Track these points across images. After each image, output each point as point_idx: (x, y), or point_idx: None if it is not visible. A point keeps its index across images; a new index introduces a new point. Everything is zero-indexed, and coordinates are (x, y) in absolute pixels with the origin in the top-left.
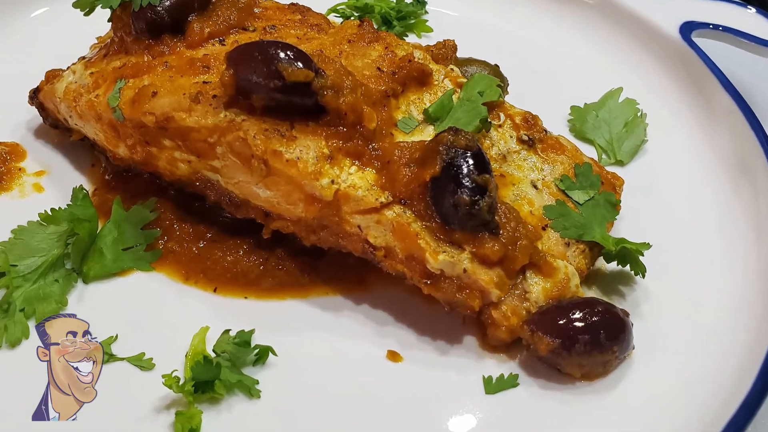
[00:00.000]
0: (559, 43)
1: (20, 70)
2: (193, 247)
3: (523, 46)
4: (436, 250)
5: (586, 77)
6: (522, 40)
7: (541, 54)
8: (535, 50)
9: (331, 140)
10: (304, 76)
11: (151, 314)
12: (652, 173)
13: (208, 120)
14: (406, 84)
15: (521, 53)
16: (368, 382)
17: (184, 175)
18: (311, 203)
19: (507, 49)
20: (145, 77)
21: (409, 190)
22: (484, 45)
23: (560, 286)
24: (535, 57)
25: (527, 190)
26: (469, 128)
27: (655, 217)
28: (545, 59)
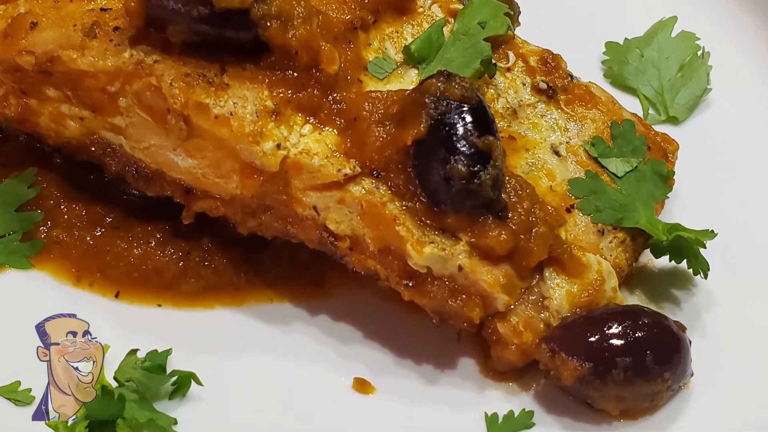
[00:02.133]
0: None
1: None
2: (87, 235)
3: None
4: (420, 239)
5: (626, 3)
6: None
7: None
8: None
9: (277, 89)
10: (240, 1)
11: (29, 328)
12: (716, 135)
13: (108, 61)
14: (379, 12)
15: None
16: (328, 420)
17: (74, 137)
18: (249, 176)
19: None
20: (20, 2)
21: (384, 157)
22: None
23: (591, 290)
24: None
25: (546, 158)
26: (467, 72)
27: (721, 196)
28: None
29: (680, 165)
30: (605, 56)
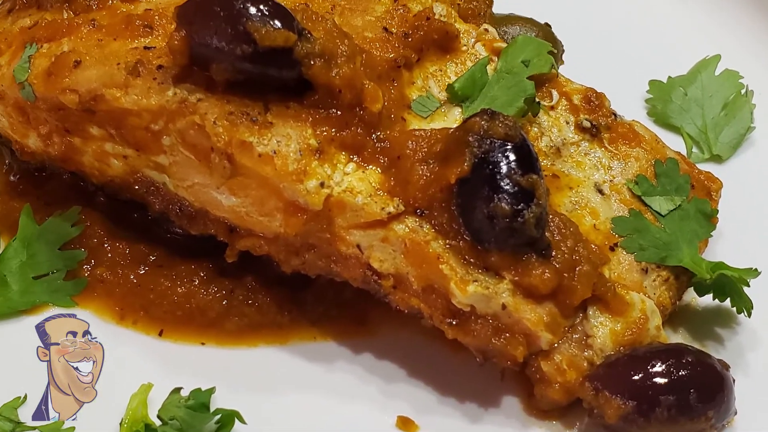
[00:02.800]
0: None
1: None
2: (131, 274)
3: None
4: (464, 278)
5: (670, 42)
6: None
7: (609, 9)
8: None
9: (321, 127)
10: (284, 40)
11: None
12: (760, 173)
13: (152, 100)
14: (423, 50)
15: (581, 8)
16: None
17: (118, 175)
18: (293, 214)
19: (562, 3)
20: (64, 41)
21: (428, 196)
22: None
23: (635, 328)
24: (601, 13)
25: (590, 196)
26: (510, 111)
27: (764, 234)
28: (614, 17)
29: (724, 203)
30: (649, 94)
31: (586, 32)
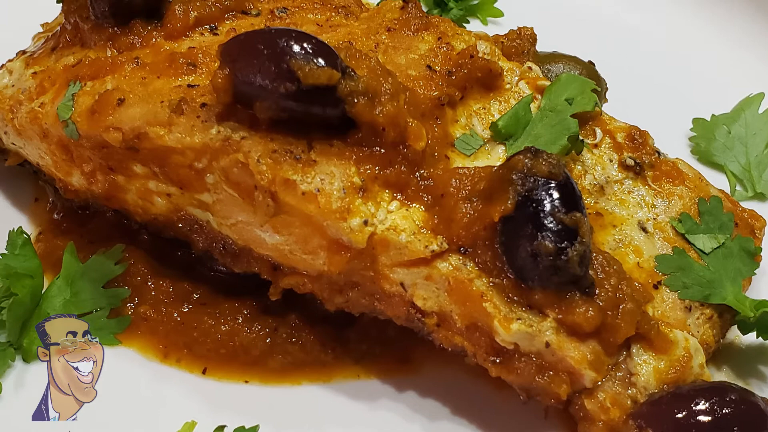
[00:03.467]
0: (676, 32)
1: None
2: (175, 312)
3: (627, 36)
4: (508, 316)
5: (713, 80)
6: (625, 27)
7: (652, 47)
8: (644, 42)
9: (364, 165)
10: (327, 78)
11: (117, 404)
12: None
13: (195, 138)
14: (466, 88)
15: (624, 46)
16: None
17: (161, 213)
18: (337, 252)
19: (605, 41)
20: (108, 79)
21: (471, 234)
22: (573, 34)
23: (678, 366)
24: (644, 51)
25: (633, 234)
26: (554, 149)
27: None
28: (657, 54)
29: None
30: (692, 132)
31: (629, 70)
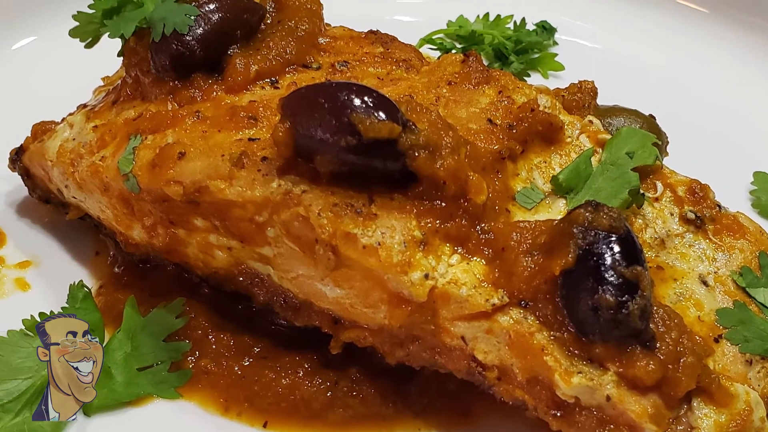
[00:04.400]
0: (737, 85)
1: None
2: (236, 365)
3: (688, 89)
4: (568, 369)
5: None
6: (686, 81)
7: (713, 101)
8: (705, 95)
9: (425, 219)
10: (388, 131)
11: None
12: None
13: (256, 191)
14: (527, 142)
15: (685, 100)
16: None
17: (222, 267)
18: (397, 306)
19: (666, 94)
20: (168, 132)
21: (532, 287)
22: (634, 88)
23: (739, 420)
24: (705, 105)
25: (694, 288)
26: (615, 202)
27: None
28: (718, 108)
29: None
30: (753, 186)
31: (690, 124)
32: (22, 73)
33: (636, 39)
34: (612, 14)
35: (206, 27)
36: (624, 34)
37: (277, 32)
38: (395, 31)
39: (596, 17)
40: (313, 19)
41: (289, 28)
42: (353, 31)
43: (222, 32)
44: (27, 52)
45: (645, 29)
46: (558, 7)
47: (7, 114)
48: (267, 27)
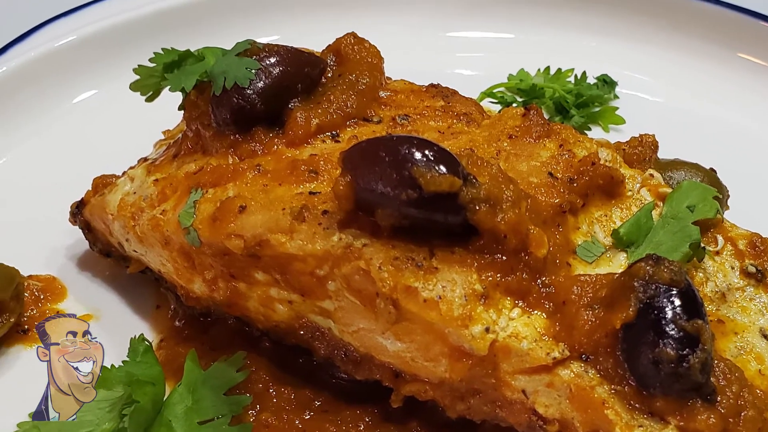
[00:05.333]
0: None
1: (59, 175)
2: (296, 419)
3: (748, 142)
4: (629, 423)
5: None
6: (746, 134)
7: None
8: (765, 149)
9: (486, 273)
10: (449, 185)
11: None
12: None
13: (317, 245)
14: (588, 195)
15: (746, 153)
16: None
17: (283, 320)
18: (458, 359)
19: (726, 147)
20: (229, 186)
21: (593, 341)
22: (695, 141)
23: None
24: (766, 157)
25: (755, 342)
26: (675, 256)
27: None
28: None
29: None
30: None
31: (751, 177)
32: (83, 127)
33: (696, 92)
34: (672, 68)
35: (267, 80)
36: (684, 88)
37: (338, 86)
38: (456, 85)
39: (657, 71)
40: (374, 72)
41: (350, 81)
42: (414, 85)
43: (283, 86)
44: (88, 106)
45: (705, 82)
46: (619, 61)
47: (68, 167)
48: (328, 80)
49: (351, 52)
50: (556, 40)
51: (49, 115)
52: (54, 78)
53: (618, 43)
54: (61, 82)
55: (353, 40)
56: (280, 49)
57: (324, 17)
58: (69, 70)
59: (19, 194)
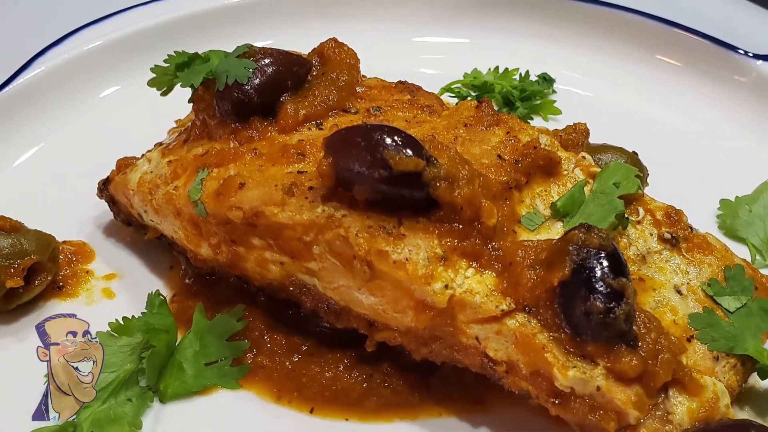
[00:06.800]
0: (706, 126)
1: (88, 157)
2: (287, 361)
3: (665, 130)
4: (565, 364)
5: (737, 166)
6: (663, 123)
7: (686, 139)
8: (679, 135)
9: (445, 239)
10: (414, 165)
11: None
12: None
13: (304, 215)
14: (530, 174)
15: (663, 138)
16: None
17: (275, 278)
18: (422, 311)
19: (646, 134)
20: (231, 166)
21: (535, 296)
22: (620, 129)
23: (708, 407)
24: (679, 143)
25: (670, 296)
26: (603, 225)
27: None
28: (690, 145)
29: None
30: (719, 211)
31: (667, 159)
32: (108, 117)
33: (621, 88)
34: (601, 67)
35: (262, 78)
36: (611, 84)
37: (322, 82)
38: (420, 82)
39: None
40: (352, 71)
41: (331, 79)
42: (385, 82)
43: (275, 82)
44: (112, 99)
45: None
46: (556, 62)
47: (95, 151)
48: (313, 78)
49: (332, 54)
50: (504, 44)
51: (79, 107)
52: (83, 76)
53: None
54: (90, 80)
55: (334, 45)
56: (273, 52)
57: (310, 25)
58: (96, 69)
59: (55, 173)
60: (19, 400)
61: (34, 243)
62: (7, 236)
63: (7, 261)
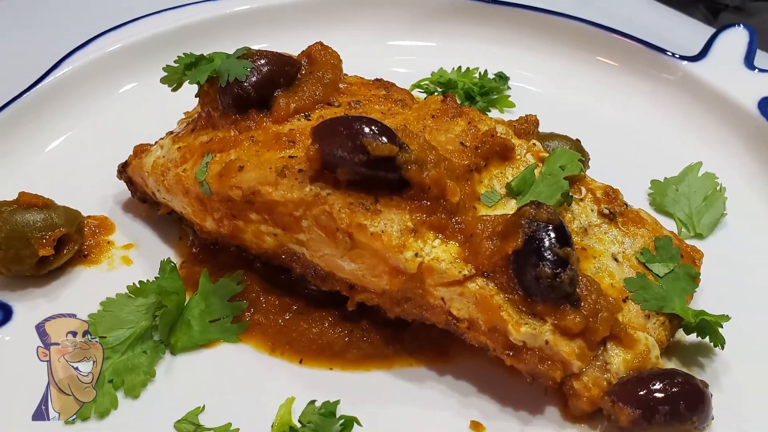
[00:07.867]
0: (639, 118)
1: (109, 144)
2: (279, 319)
3: (604, 121)
4: (518, 322)
5: (666, 152)
6: (602, 115)
7: (622, 129)
8: (616, 125)
9: (415, 214)
10: (389, 151)
11: (237, 385)
12: (731, 246)
13: (294, 194)
14: (488, 158)
15: (602, 128)
16: None
17: (270, 248)
18: (395, 276)
19: (588, 124)
20: (231, 152)
21: (492, 263)
22: (565, 120)
23: (641, 358)
24: (616, 132)
25: (608, 263)
26: (551, 202)
27: (735, 290)
28: (625, 134)
29: (704, 268)
30: (650, 190)
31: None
32: (127, 110)
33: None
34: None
35: (258, 76)
36: (558, 82)
37: (309, 80)
38: (394, 79)
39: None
40: (335, 70)
41: (318, 77)
42: (364, 79)
43: (270, 80)
44: (130, 95)
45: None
46: (511, 62)
47: (115, 139)
48: (302, 76)
49: (319, 55)
50: (466, 47)
51: (102, 101)
52: (105, 75)
53: (511, 50)
54: (111, 78)
55: (320, 47)
56: (267, 54)
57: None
58: (116, 69)
59: (81, 158)
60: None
61: (63, 217)
62: (40, 211)
63: (39, 233)
